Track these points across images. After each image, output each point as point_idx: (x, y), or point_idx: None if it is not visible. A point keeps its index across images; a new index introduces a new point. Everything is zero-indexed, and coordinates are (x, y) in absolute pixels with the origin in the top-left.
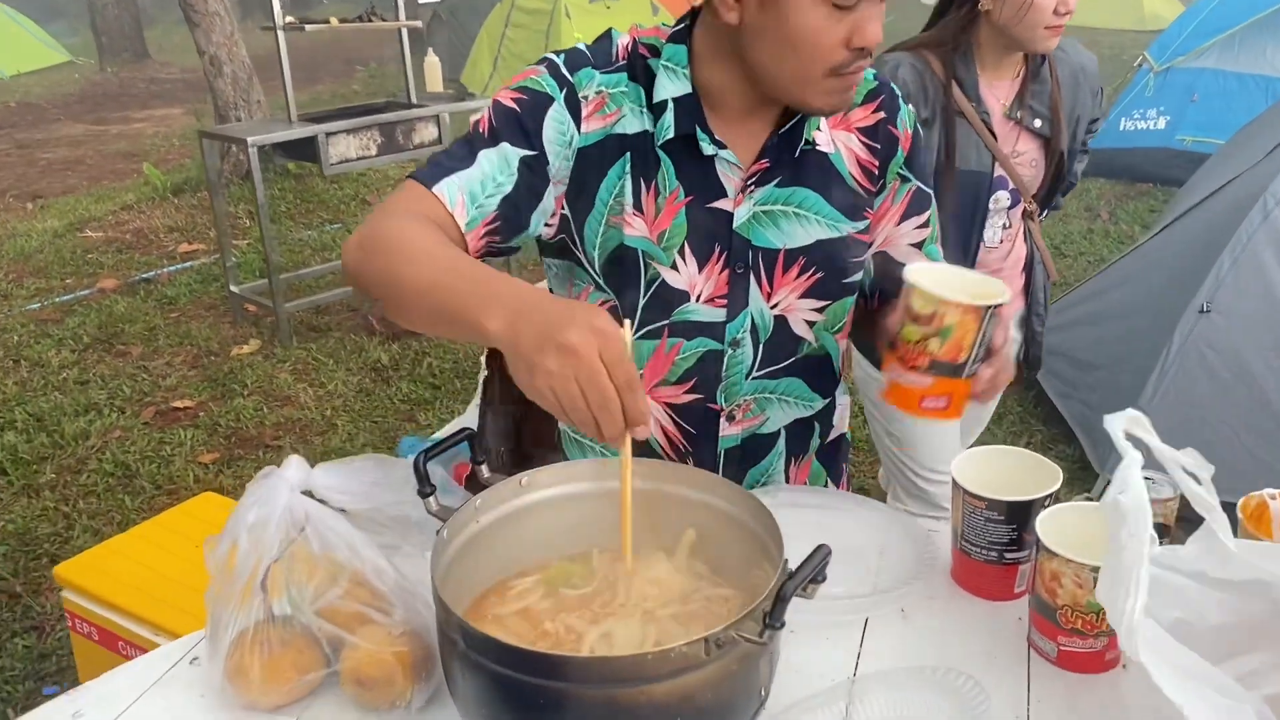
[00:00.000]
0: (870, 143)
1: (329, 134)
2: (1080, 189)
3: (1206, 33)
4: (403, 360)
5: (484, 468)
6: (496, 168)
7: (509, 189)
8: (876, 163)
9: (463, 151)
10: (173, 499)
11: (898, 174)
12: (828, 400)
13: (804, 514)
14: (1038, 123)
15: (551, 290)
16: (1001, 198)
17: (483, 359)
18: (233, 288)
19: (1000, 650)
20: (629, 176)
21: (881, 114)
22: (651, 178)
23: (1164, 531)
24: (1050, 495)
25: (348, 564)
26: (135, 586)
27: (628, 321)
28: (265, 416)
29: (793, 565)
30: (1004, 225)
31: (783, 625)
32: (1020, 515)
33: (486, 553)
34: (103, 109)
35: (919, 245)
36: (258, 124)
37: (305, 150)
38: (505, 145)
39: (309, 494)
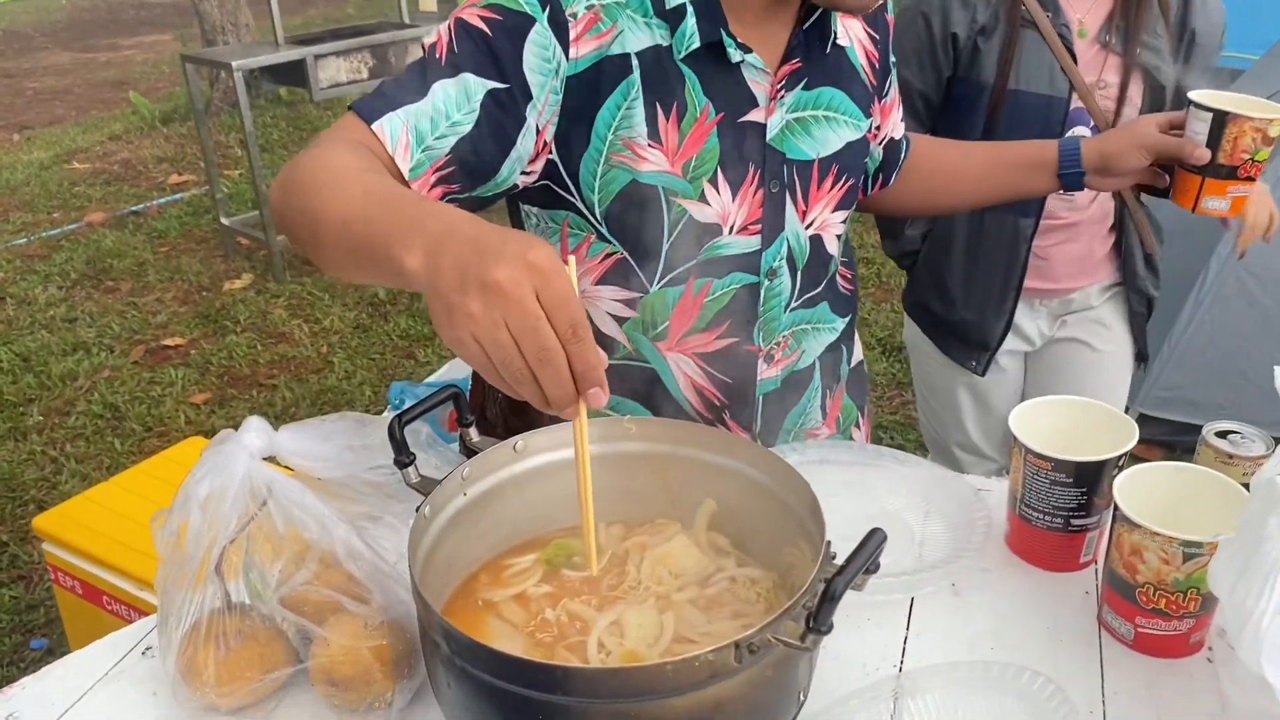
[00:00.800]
0: (872, 33)
1: (318, 56)
2: None
3: None
4: (399, 295)
5: (473, 430)
6: (453, 102)
7: (467, 128)
8: (878, 54)
9: (414, 80)
10: (163, 441)
11: (890, 63)
12: (848, 319)
13: (835, 472)
14: (1142, 54)
15: None
16: (1080, 135)
17: None
18: (224, 220)
19: (1067, 632)
20: (640, 101)
21: None
22: (672, 99)
23: None
24: (1125, 454)
25: (317, 543)
26: (117, 539)
27: (572, 258)
28: (259, 354)
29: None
30: None
31: (830, 629)
32: (1091, 477)
33: (476, 528)
34: (91, 36)
35: (900, 140)
36: (244, 47)
37: (294, 75)
38: (467, 76)
39: (272, 461)
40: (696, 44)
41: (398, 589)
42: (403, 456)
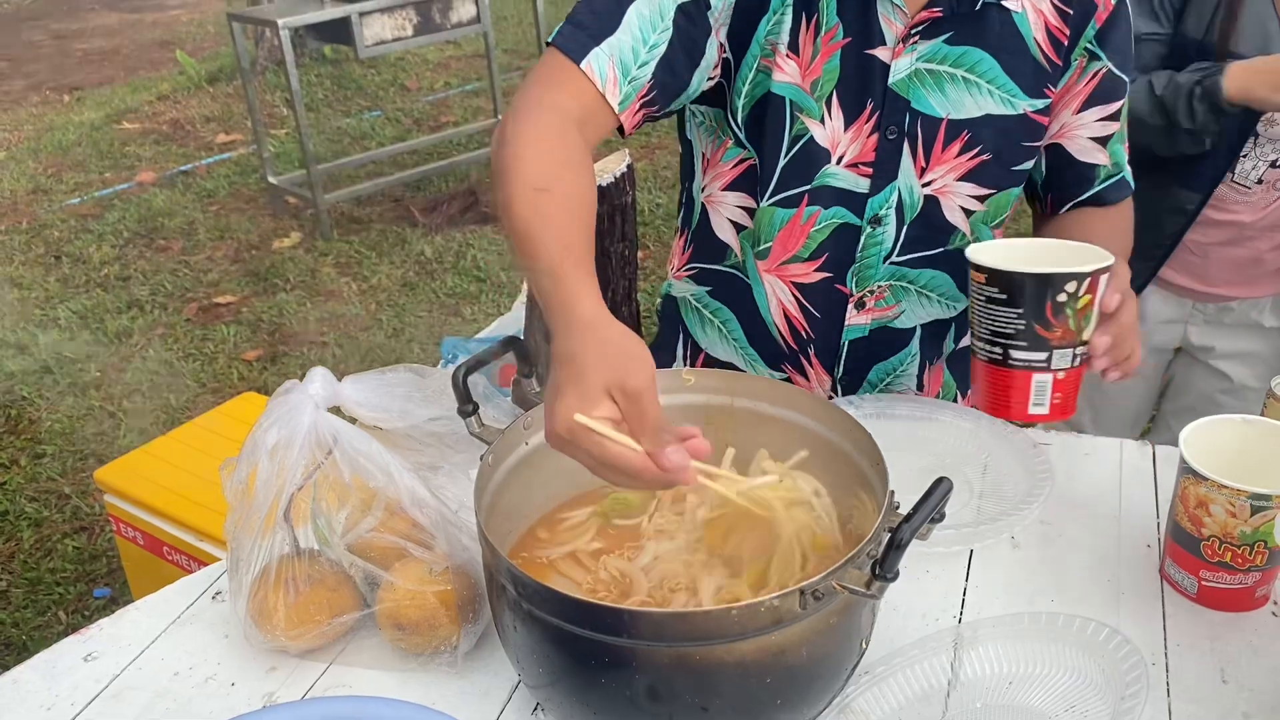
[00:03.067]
0: (1063, 6)
1: (362, 14)
2: None
3: None
4: (446, 253)
5: (533, 380)
6: (648, 24)
7: (663, 49)
8: (1068, 31)
9: (609, 5)
10: (217, 398)
11: (1085, 48)
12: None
13: (893, 426)
14: None
15: (689, 145)
16: None
17: None
18: (271, 179)
19: (1128, 586)
20: (790, 8)
21: None
22: (814, 11)
23: None
24: (1076, 275)
25: (382, 491)
26: (177, 491)
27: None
28: (309, 312)
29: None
30: (1274, 161)
31: (896, 576)
32: (1029, 296)
33: (537, 477)
34: None
35: (1102, 141)
36: (289, 5)
37: (339, 32)
38: None
39: (337, 411)
40: None
41: (461, 536)
42: (466, 406)
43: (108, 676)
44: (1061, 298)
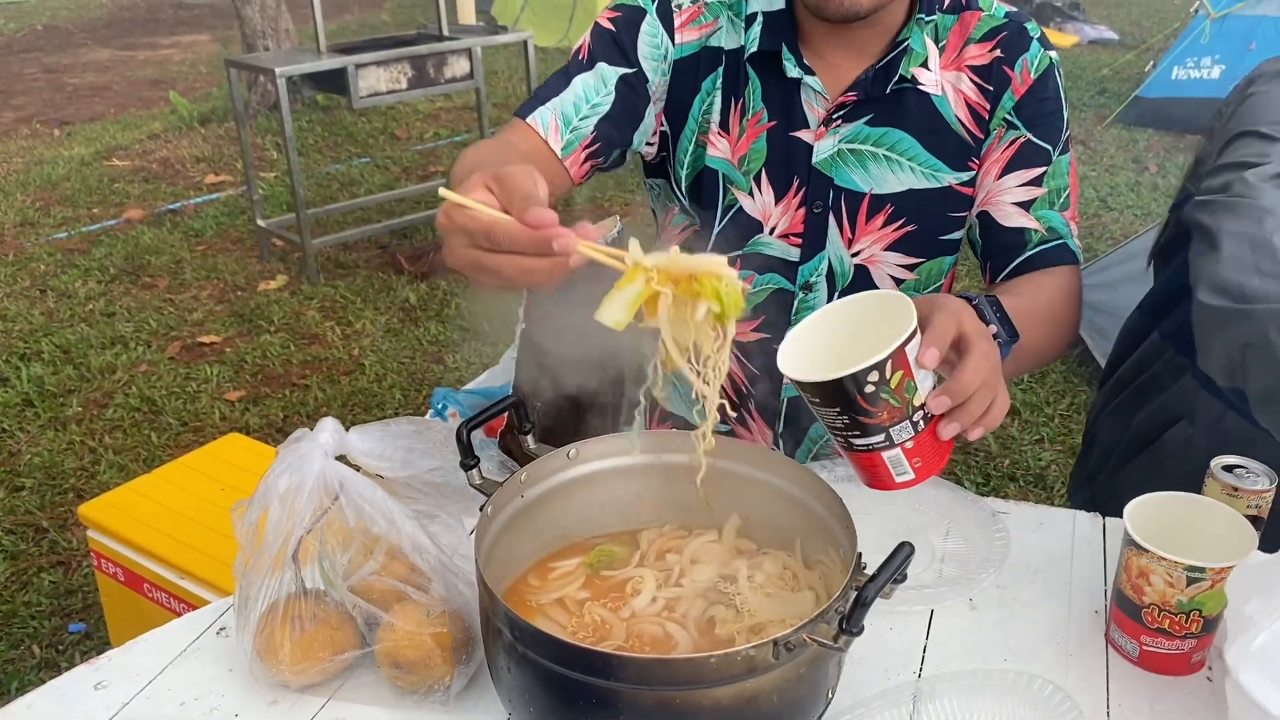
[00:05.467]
0: (982, 83)
1: (359, 66)
2: (1127, 139)
3: None
4: (431, 300)
5: (529, 438)
6: (591, 89)
7: (606, 109)
8: (987, 105)
9: (558, 81)
10: (199, 436)
11: (1003, 119)
12: None
13: (862, 490)
14: None
15: (654, 213)
16: None
17: (520, 310)
18: (260, 221)
19: (1076, 648)
20: (720, 91)
21: (998, 52)
22: (740, 96)
23: (1258, 524)
24: (873, 366)
25: (384, 537)
26: (160, 529)
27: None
28: (292, 354)
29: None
30: None
31: (861, 631)
32: (837, 397)
33: (531, 527)
34: (130, 34)
35: (1025, 206)
36: (286, 54)
37: (334, 82)
38: (602, 65)
39: (343, 459)
40: (756, 48)
41: (458, 582)
42: (468, 460)
43: (117, 704)
44: (869, 388)
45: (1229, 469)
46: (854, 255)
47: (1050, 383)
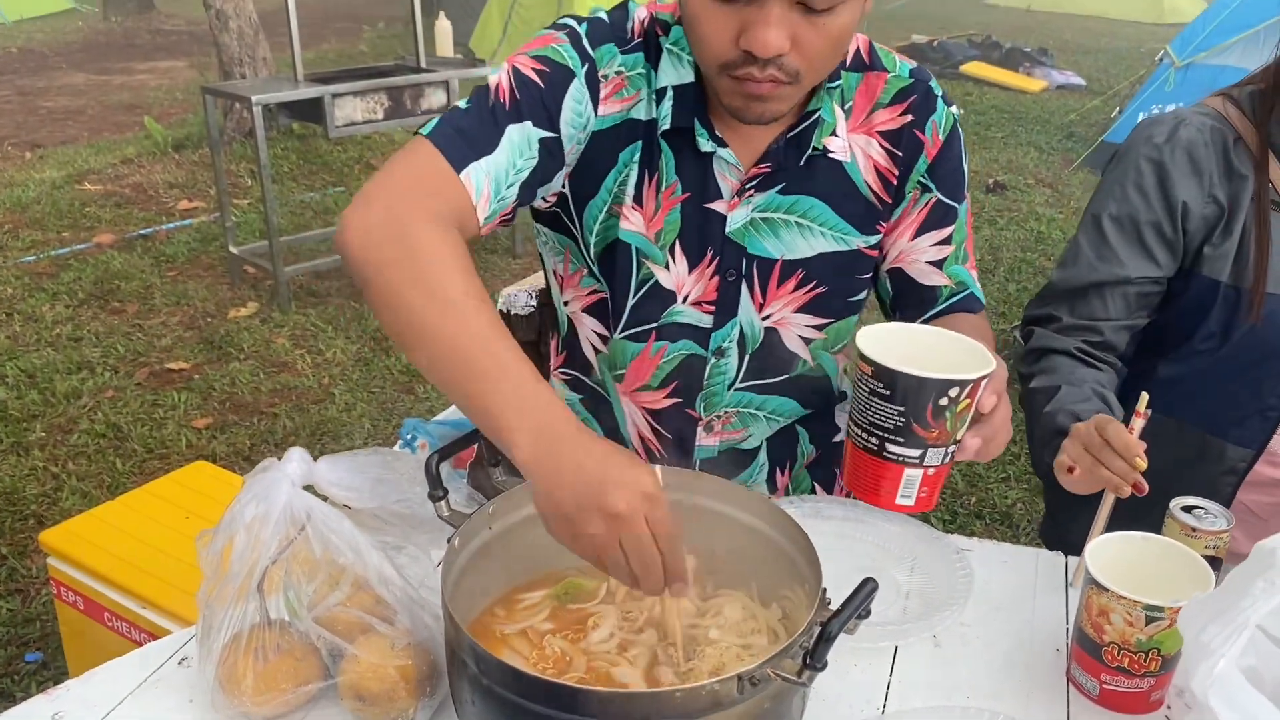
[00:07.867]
0: (892, 149)
1: (335, 95)
2: (1093, 182)
3: (1230, 29)
4: None
5: (499, 470)
6: (518, 150)
7: (527, 173)
8: (896, 171)
9: (488, 126)
10: (164, 463)
11: (918, 181)
12: (810, 411)
13: (827, 526)
14: None
15: (543, 260)
16: None
17: None
18: (232, 248)
19: (1038, 685)
20: (635, 165)
21: (909, 117)
22: (655, 170)
23: (1215, 564)
24: (961, 382)
25: (351, 568)
26: (123, 557)
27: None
28: (261, 383)
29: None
30: None
31: (824, 667)
32: (912, 396)
33: (498, 560)
34: (105, 59)
35: (938, 264)
36: (263, 82)
37: (310, 111)
38: (528, 124)
39: (310, 489)
40: (668, 125)
41: (424, 614)
42: (437, 491)
43: None
44: (943, 401)
45: (1188, 509)
46: (764, 319)
47: (1018, 420)
